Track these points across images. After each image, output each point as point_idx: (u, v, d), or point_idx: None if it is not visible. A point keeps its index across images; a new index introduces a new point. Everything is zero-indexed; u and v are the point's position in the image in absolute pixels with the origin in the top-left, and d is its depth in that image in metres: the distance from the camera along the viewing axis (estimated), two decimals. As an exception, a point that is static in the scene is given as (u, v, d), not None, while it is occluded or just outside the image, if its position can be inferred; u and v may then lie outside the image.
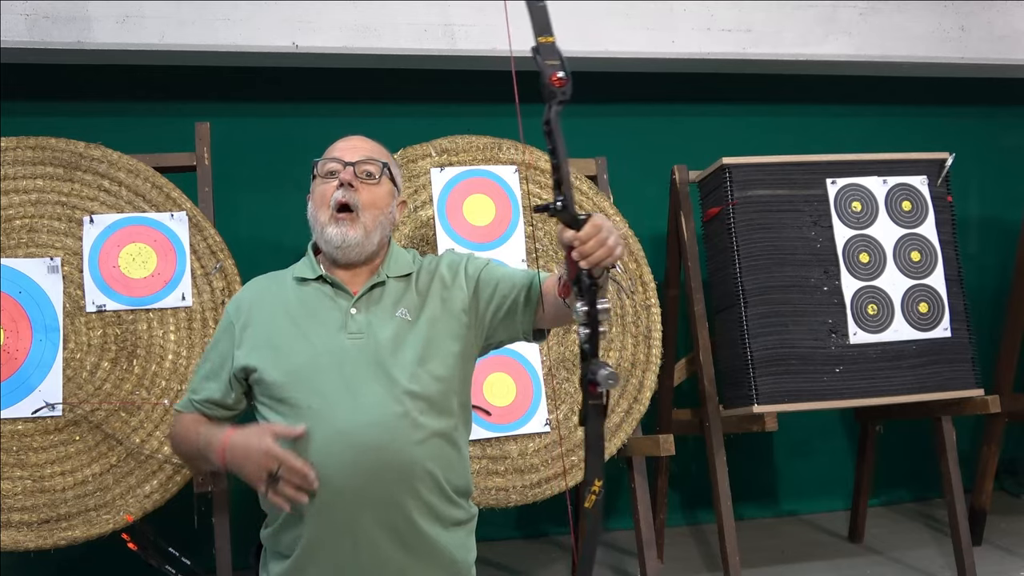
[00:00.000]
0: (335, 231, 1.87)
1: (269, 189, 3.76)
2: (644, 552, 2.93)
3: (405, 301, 1.89)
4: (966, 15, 4.09)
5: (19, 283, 2.68)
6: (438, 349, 1.86)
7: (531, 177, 3.09)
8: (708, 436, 3.18)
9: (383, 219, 1.92)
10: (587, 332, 1.62)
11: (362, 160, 1.90)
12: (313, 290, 1.91)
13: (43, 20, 3.28)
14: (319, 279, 1.91)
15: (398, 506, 1.77)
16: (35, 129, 2.85)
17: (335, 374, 1.79)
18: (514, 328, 1.92)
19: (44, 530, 2.54)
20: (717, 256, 3.26)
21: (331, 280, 1.90)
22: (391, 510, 1.76)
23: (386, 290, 1.90)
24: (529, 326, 1.91)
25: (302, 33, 3.50)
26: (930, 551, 3.64)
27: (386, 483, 1.75)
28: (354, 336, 1.83)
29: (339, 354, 1.81)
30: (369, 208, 1.89)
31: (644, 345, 3.02)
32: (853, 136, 4.16)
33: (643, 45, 3.79)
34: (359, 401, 1.77)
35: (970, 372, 3.22)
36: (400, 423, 1.77)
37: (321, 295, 1.90)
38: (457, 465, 1.88)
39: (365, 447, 1.75)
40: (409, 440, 1.77)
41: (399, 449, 1.76)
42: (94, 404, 2.64)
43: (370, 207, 1.89)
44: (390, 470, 1.76)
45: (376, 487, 1.75)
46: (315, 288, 1.91)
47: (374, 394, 1.78)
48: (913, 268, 3.25)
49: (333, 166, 1.91)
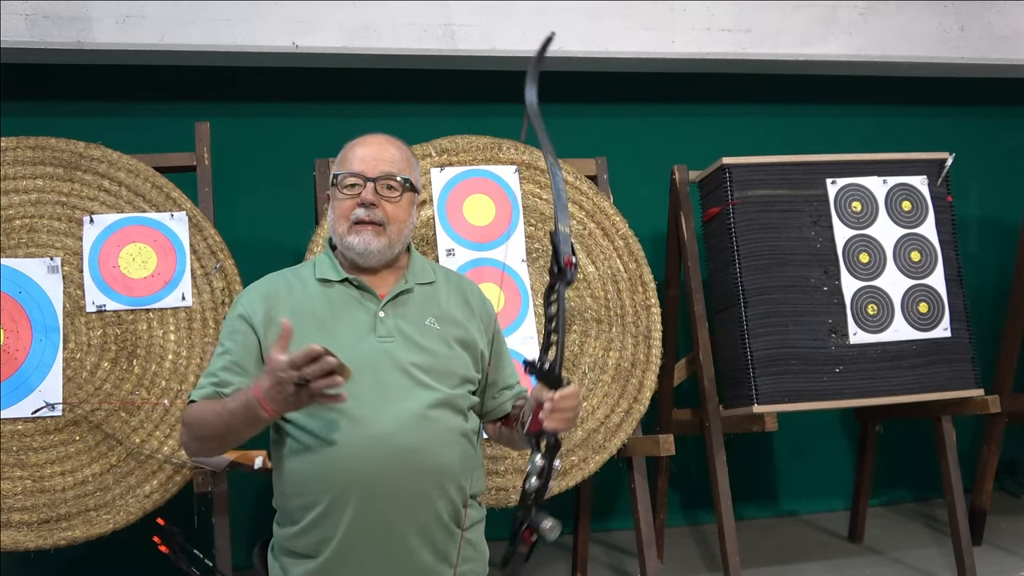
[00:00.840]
0: (356, 239, 1.87)
1: (269, 189, 3.76)
2: (644, 552, 2.93)
3: (431, 310, 1.93)
4: (966, 15, 4.09)
5: (19, 283, 2.68)
6: (461, 357, 1.91)
7: (531, 177, 3.09)
8: (708, 436, 3.18)
9: (406, 228, 1.94)
10: (538, 485, 1.69)
11: (383, 176, 1.89)
12: (338, 292, 1.90)
13: (43, 20, 3.29)
14: (344, 281, 1.91)
15: (430, 507, 1.79)
16: (35, 129, 2.85)
17: (369, 376, 1.79)
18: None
19: (44, 530, 2.54)
20: (717, 256, 3.26)
21: (357, 283, 1.90)
22: (424, 512, 1.79)
23: (412, 296, 1.93)
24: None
25: (302, 33, 3.50)
26: (930, 551, 3.64)
27: (421, 485, 1.78)
28: (384, 339, 1.84)
29: (371, 356, 1.82)
30: (394, 222, 1.90)
31: (644, 345, 3.02)
32: (853, 136, 4.16)
33: (643, 45, 3.80)
34: (394, 404, 1.79)
35: (970, 372, 3.22)
36: (434, 426, 1.81)
37: (347, 297, 1.89)
38: (478, 467, 1.93)
39: (402, 450, 1.77)
40: (441, 442, 1.81)
41: (433, 451, 1.79)
42: (94, 404, 2.64)
43: (394, 221, 1.90)
44: (425, 472, 1.78)
45: (412, 489, 1.77)
46: (340, 290, 1.90)
47: (408, 397, 1.80)
48: (913, 268, 3.25)
49: (354, 181, 1.89)
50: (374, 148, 1.92)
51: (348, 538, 1.77)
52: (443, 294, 1.98)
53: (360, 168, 1.89)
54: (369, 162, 1.90)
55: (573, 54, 3.73)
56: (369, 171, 1.89)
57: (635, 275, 3.07)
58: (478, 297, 2.04)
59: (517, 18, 3.67)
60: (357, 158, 1.91)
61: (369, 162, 1.90)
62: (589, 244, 3.06)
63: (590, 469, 2.87)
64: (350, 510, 1.76)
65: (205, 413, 1.79)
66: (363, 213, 1.87)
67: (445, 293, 1.98)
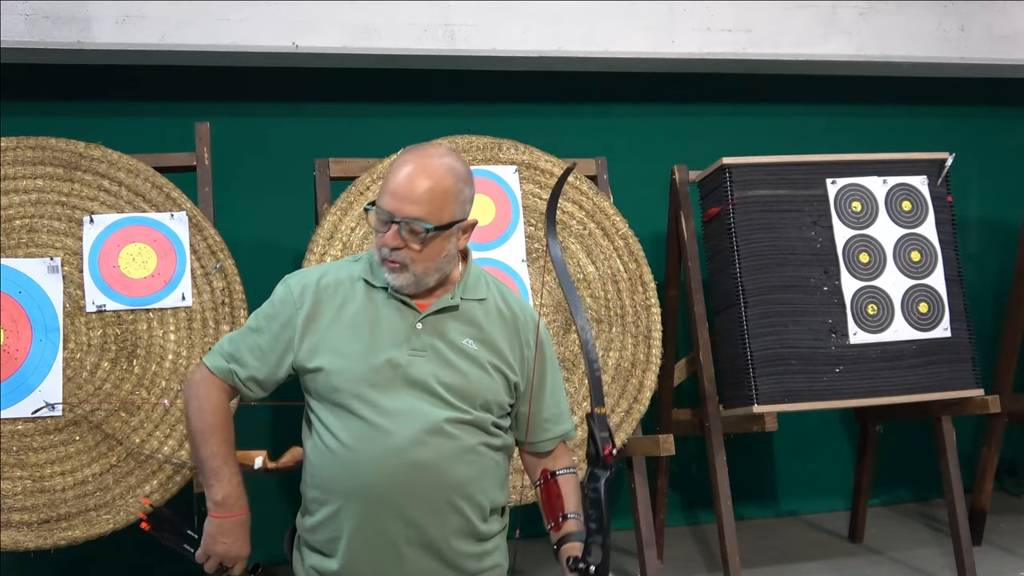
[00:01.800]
0: (388, 276, 1.84)
1: (269, 189, 3.76)
2: (644, 552, 2.93)
3: (472, 330, 1.87)
4: (966, 15, 4.09)
5: (19, 283, 2.68)
6: (493, 381, 1.87)
7: (531, 177, 3.09)
8: (708, 436, 3.18)
9: (437, 263, 1.84)
10: None
11: (408, 220, 1.77)
12: (382, 298, 1.87)
13: (43, 20, 3.28)
14: (386, 289, 1.87)
15: (441, 522, 1.79)
16: (35, 129, 2.85)
17: (396, 388, 1.80)
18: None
19: (44, 530, 2.54)
20: (717, 256, 3.26)
21: (398, 296, 1.87)
22: (433, 527, 1.79)
23: (456, 313, 1.88)
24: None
25: (302, 33, 3.49)
26: (930, 551, 3.64)
27: (432, 501, 1.78)
28: (417, 352, 1.82)
29: (401, 368, 1.81)
30: (417, 263, 1.81)
31: (644, 345, 3.02)
32: (853, 136, 4.16)
33: (643, 45, 3.79)
34: (416, 419, 1.79)
35: (970, 372, 3.22)
36: (450, 444, 1.80)
37: (389, 305, 1.86)
38: (501, 486, 1.92)
39: (414, 464, 1.77)
40: (458, 459, 1.80)
41: (447, 468, 1.79)
42: (94, 404, 2.64)
43: (418, 262, 1.81)
44: (436, 488, 1.78)
45: (421, 504, 1.77)
46: (384, 297, 1.87)
47: (428, 413, 1.80)
48: (913, 268, 3.25)
49: (384, 218, 1.80)
50: (406, 181, 1.78)
51: (353, 544, 1.78)
52: (491, 314, 1.91)
53: (389, 205, 1.78)
54: (398, 198, 1.77)
55: (573, 54, 3.72)
56: (396, 210, 1.77)
57: (635, 275, 3.07)
58: (529, 327, 1.94)
59: (517, 18, 3.66)
60: (389, 189, 1.79)
61: (398, 198, 1.77)
62: (589, 244, 3.06)
63: (590, 469, 2.87)
64: (356, 516, 1.77)
65: (205, 413, 1.87)
66: (387, 253, 1.81)
67: (494, 314, 1.91)
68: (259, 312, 1.91)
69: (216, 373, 1.89)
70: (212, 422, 1.86)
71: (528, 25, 3.67)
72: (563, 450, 2.00)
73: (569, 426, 2.01)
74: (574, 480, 1.93)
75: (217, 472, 1.83)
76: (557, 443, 1.98)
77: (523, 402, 1.93)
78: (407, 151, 1.84)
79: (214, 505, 1.83)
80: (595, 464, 1.72)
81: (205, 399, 1.87)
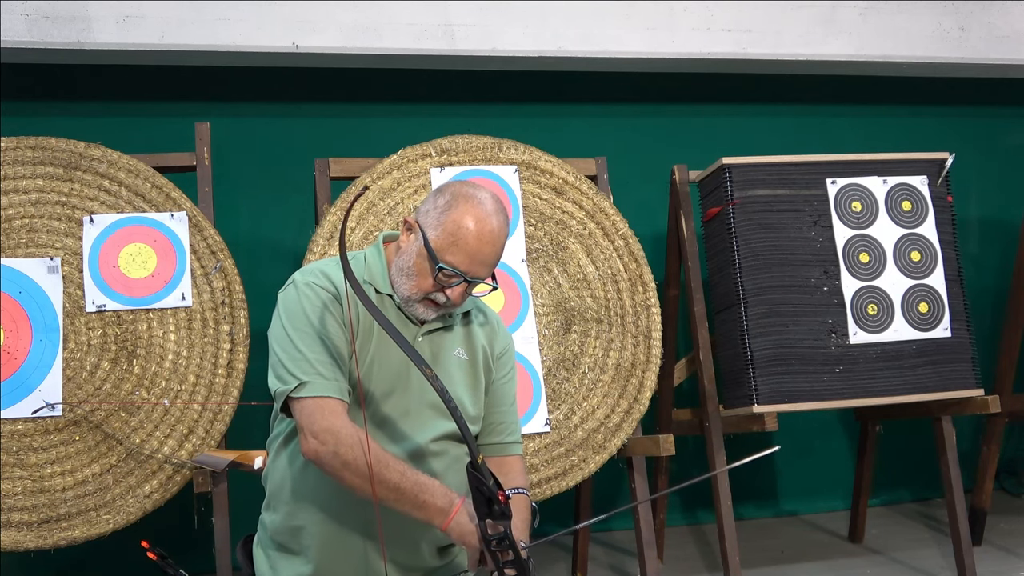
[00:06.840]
0: (421, 309, 1.84)
1: (269, 189, 3.76)
2: (644, 552, 2.93)
3: (462, 341, 1.94)
4: (966, 15, 4.09)
5: (19, 283, 2.68)
6: (475, 393, 1.94)
7: (531, 177, 3.08)
8: (708, 436, 3.18)
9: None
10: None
11: (478, 280, 1.82)
12: (390, 306, 1.87)
13: (43, 20, 3.28)
14: (390, 296, 1.88)
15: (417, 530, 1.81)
16: (35, 129, 2.85)
17: (400, 397, 1.84)
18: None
19: (44, 530, 2.54)
20: (717, 256, 3.26)
21: (404, 310, 1.88)
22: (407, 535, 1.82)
23: (450, 327, 1.94)
24: None
25: (302, 33, 3.50)
26: (930, 551, 3.64)
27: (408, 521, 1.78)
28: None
29: (405, 379, 1.84)
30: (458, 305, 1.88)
31: (644, 345, 3.02)
32: (853, 136, 4.16)
33: (643, 45, 3.80)
34: (415, 430, 1.83)
35: (970, 372, 3.22)
36: (439, 459, 1.85)
37: (396, 315, 1.87)
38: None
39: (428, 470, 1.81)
40: (445, 472, 1.84)
41: (441, 475, 1.82)
42: (94, 404, 2.64)
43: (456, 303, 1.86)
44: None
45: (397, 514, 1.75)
46: (391, 305, 1.87)
47: (430, 425, 1.84)
48: (913, 268, 3.25)
49: (456, 280, 1.80)
50: (490, 249, 1.79)
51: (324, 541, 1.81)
52: (473, 325, 1.98)
53: (467, 268, 1.78)
54: (479, 264, 1.79)
55: (573, 54, 3.73)
56: (473, 272, 1.79)
57: (635, 275, 3.07)
58: (503, 339, 2.02)
59: (517, 18, 3.67)
60: (469, 253, 1.77)
61: (479, 264, 1.79)
62: (589, 244, 3.06)
63: (590, 469, 2.87)
64: (331, 514, 1.81)
65: (386, 466, 1.69)
66: (441, 301, 1.82)
67: (475, 324, 1.98)
68: (300, 322, 1.77)
69: (340, 397, 1.74)
70: (372, 447, 1.68)
71: (528, 25, 3.67)
72: (519, 468, 1.98)
73: (518, 441, 2.01)
74: (525, 501, 1.90)
75: (420, 485, 1.70)
76: (505, 452, 1.98)
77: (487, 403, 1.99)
78: (468, 204, 1.79)
79: (441, 514, 1.68)
80: (500, 518, 1.59)
81: (351, 432, 1.69)
